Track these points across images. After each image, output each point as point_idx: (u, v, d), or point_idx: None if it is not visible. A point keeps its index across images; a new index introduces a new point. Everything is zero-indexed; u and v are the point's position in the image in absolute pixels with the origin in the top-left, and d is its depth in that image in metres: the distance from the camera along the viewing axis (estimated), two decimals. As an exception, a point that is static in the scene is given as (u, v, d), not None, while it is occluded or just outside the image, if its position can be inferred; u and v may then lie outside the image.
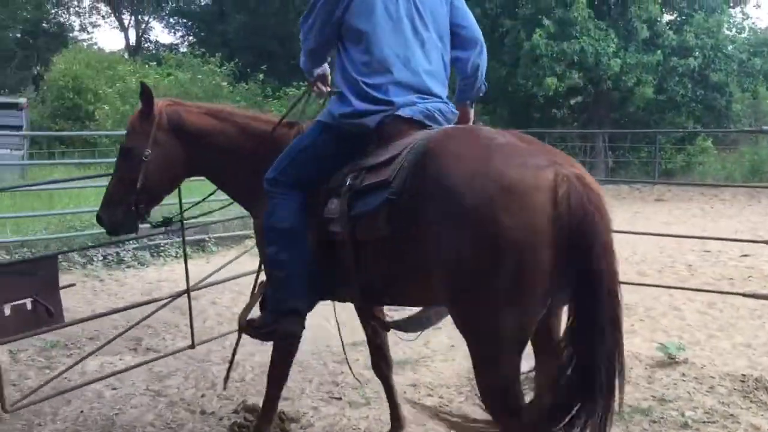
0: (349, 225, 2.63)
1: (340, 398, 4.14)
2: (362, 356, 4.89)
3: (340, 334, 3.46)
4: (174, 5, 39.64)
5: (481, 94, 3.16)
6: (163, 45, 39.76)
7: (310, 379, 4.44)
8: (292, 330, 2.96)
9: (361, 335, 5.23)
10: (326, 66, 3.12)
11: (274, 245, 2.86)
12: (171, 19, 40.14)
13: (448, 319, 2.59)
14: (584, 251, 2.09)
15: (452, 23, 2.97)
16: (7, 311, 3.45)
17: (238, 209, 4.16)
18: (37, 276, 3.62)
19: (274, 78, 25.15)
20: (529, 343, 2.34)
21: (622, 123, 22.54)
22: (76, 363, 4.27)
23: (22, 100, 22.36)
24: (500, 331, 2.19)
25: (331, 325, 5.59)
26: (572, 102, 23.66)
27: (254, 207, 3.28)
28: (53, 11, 38.65)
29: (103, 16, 41.74)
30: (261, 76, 23.73)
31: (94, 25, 51.65)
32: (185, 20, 39.14)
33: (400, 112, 2.73)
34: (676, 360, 4.55)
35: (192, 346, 4.46)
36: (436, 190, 2.29)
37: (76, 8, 40.01)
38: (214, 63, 23.42)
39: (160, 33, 48.99)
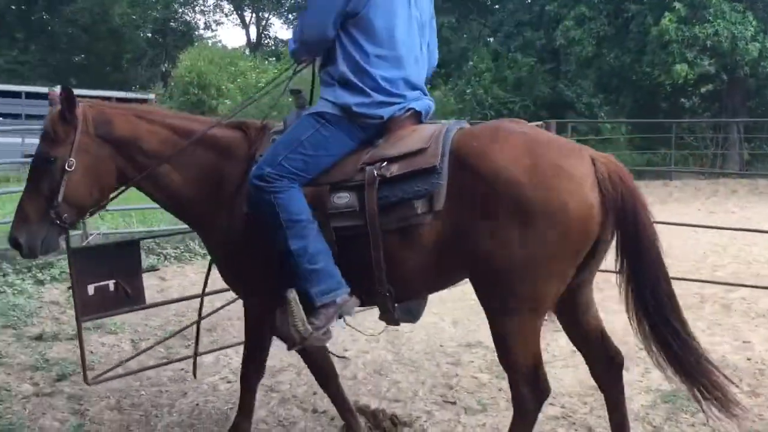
0: (374, 215, 2.63)
1: (455, 402, 3.95)
2: (477, 358, 4.68)
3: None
4: (293, 1, 40.57)
5: None
6: (282, 41, 40.86)
7: (422, 381, 4.28)
8: (345, 315, 2.83)
9: (475, 336, 5.07)
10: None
11: (300, 239, 2.68)
12: (290, 15, 41.16)
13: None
14: (628, 213, 2.52)
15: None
16: (91, 291, 3.63)
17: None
18: (120, 260, 3.76)
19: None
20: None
21: (759, 112, 20.88)
22: (147, 348, 4.40)
23: (151, 96, 23.74)
24: (552, 295, 2.59)
25: (445, 323, 5.48)
26: (703, 90, 22.20)
27: (199, 223, 3.14)
28: (180, 10, 40.49)
29: (225, 14, 43.40)
30: (374, 68, 23.75)
31: (218, 23, 53.94)
32: (303, 16, 40.01)
33: (413, 105, 2.86)
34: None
35: None
36: (489, 182, 2.49)
37: (201, 7, 41.79)
38: (330, 57, 23.72)
39: (280, 29, 50.53)
